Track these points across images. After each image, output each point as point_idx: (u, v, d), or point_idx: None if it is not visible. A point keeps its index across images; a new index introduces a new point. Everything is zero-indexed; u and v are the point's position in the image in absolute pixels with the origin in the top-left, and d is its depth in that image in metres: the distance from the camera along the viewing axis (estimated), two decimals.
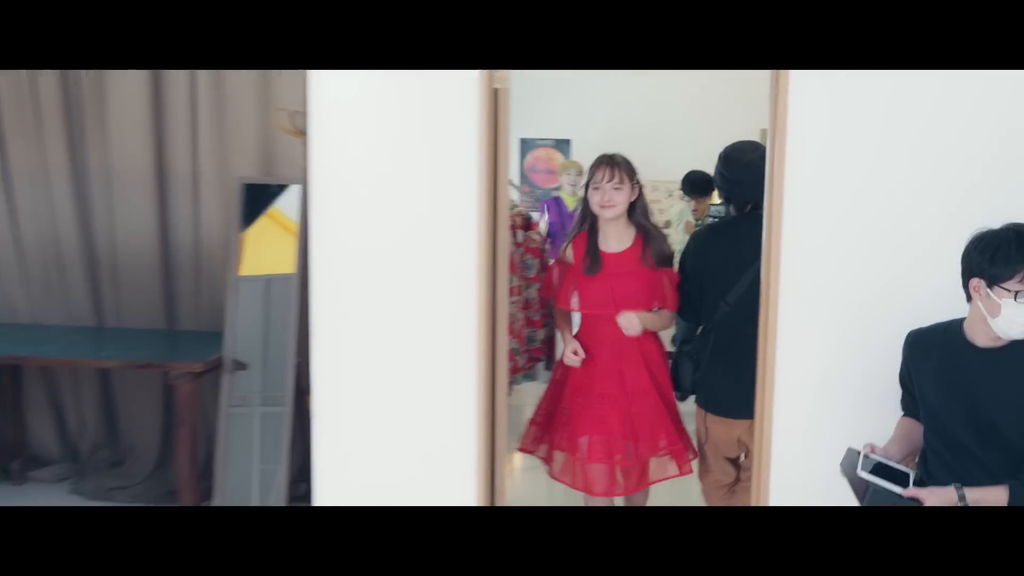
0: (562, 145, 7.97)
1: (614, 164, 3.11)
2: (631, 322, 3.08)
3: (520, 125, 7.48)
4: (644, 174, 3.25)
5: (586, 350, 3.15)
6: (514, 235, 4.04)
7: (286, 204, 3.97)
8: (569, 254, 3.22)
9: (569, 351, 3.16)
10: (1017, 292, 2.15)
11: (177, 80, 4.24)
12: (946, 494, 2.22)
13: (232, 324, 3.75)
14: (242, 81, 4.19)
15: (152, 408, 4.44)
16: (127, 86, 4.24)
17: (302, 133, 3.91)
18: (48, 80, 4.31)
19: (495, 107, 2.81)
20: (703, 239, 3.40)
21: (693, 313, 3.30)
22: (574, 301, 3.18)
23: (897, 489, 2.27)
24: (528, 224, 4.34)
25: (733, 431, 3.17)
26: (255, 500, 3.70)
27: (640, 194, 3.18)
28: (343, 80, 2.89)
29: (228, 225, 4.03)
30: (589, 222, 3.17)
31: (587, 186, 3.18)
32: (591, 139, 7.49)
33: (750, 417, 3.00)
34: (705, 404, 3.26)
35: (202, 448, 4.10)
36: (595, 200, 3.10)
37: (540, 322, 4.22)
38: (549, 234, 5.46)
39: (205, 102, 4.20)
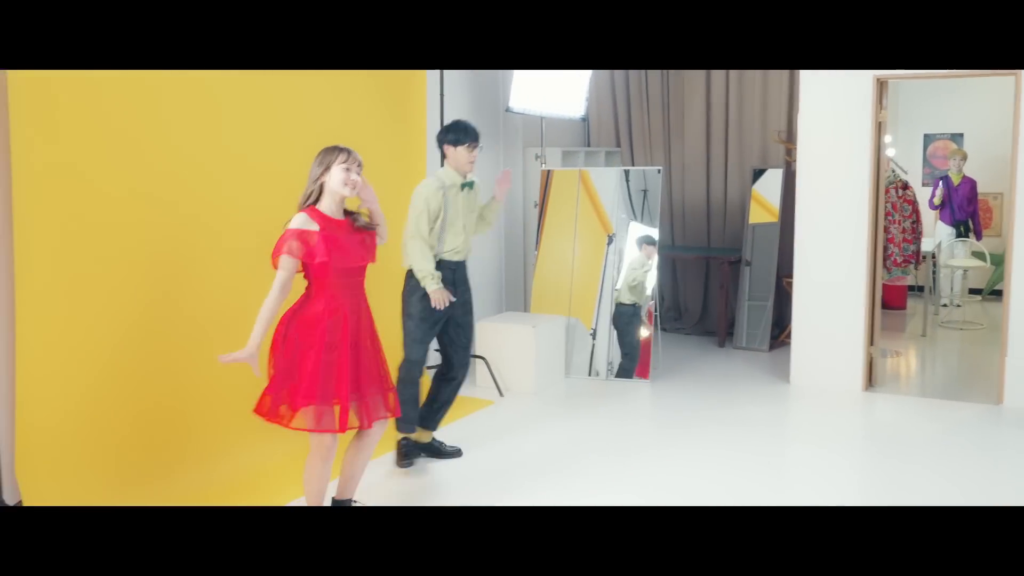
0: (956, 138, 10.07)
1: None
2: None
3: (924, 122, 10.14)
4: None
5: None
6: (897, 192, 7.34)
7: (771, 180, 7.64)
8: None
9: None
10: None
11: (719, 85, 7.87)
12: None
13: (747, 245, 7.51)
14: (753, 88, 7.71)
15: (698, 282, 8.26)
16: (695, 85, 7.94)
17: (784, 141, 7.57)
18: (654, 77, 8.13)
19: (879, 132, 6.17)
20: None
21: None
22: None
23: None
24: (906, 186, 7.57)
25: None
26: (753, 338, 7.43)
27: None
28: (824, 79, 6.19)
29: (743, 191, 7.78)
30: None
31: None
32: (981, 132, 9.86)
33: None
34: None
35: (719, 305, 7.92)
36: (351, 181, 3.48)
37: (912, 240, 7.45)
38: (942, 201, 8.59)
39: (734, 110, 7.80)
